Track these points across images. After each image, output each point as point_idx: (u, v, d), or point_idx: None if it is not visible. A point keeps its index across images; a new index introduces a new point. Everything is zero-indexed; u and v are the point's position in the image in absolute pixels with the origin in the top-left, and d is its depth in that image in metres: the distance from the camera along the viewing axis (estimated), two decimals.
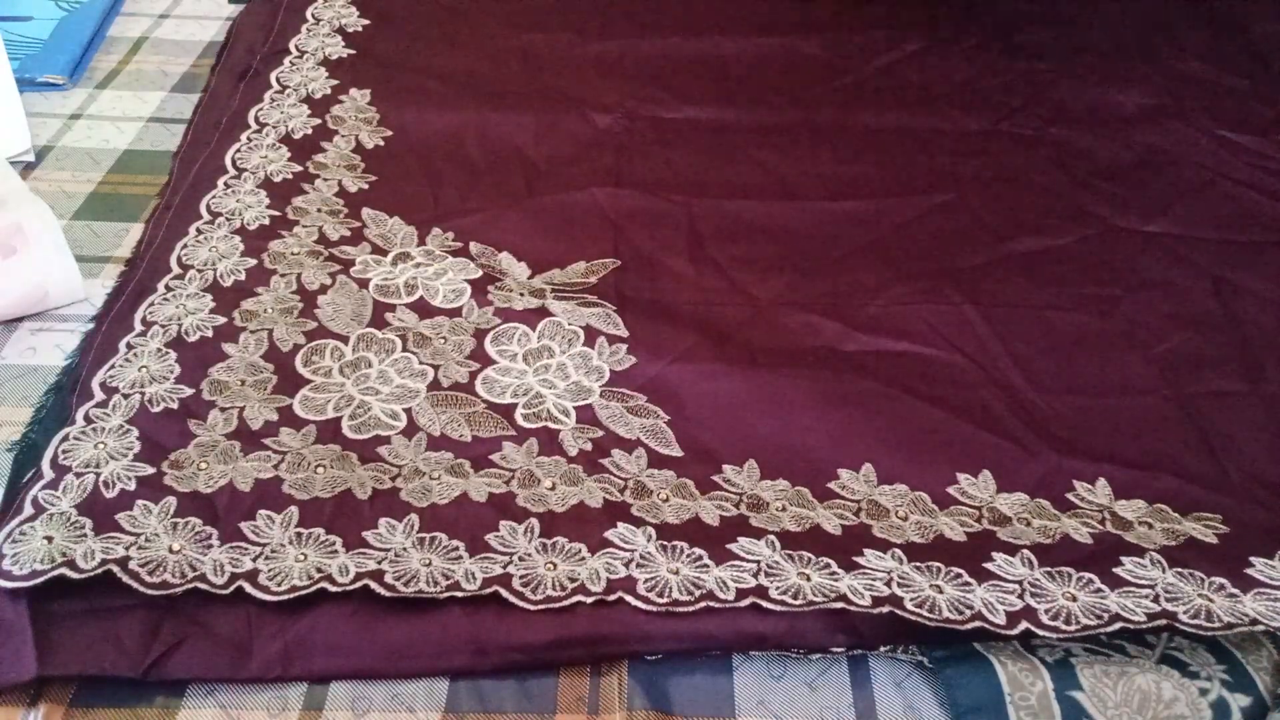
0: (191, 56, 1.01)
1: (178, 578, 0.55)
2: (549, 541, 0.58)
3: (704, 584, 0.56)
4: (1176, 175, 0.90)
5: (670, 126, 0.93)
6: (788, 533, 0.60)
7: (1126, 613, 0.55)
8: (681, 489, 0.63)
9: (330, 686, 0.54)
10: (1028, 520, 0.62)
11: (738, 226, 0.83)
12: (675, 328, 0.74)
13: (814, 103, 0.97)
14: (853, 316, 0.75)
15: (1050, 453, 0.66)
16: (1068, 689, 0.53)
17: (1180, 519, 0.62)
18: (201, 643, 0.54)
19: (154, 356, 0.67)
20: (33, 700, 0.53)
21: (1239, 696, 0.53)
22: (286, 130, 0.89)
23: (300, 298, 0.73)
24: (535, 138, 0.91)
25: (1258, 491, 0.64)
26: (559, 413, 0.67)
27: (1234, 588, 0.57)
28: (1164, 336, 0.75)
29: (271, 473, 0.61)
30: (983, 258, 0.81)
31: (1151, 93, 0.99)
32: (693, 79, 0.99)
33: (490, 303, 0.74)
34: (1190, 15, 1.10)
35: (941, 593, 0.56)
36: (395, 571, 0.56)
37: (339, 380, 0.68)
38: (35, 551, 0.54)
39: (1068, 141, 0.93)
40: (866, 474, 0.64)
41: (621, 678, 0.55)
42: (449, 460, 0.63)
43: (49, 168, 0.87)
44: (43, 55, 0.97)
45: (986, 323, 0.75)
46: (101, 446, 0.61)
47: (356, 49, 1.00)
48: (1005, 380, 0.71)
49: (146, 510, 0.58)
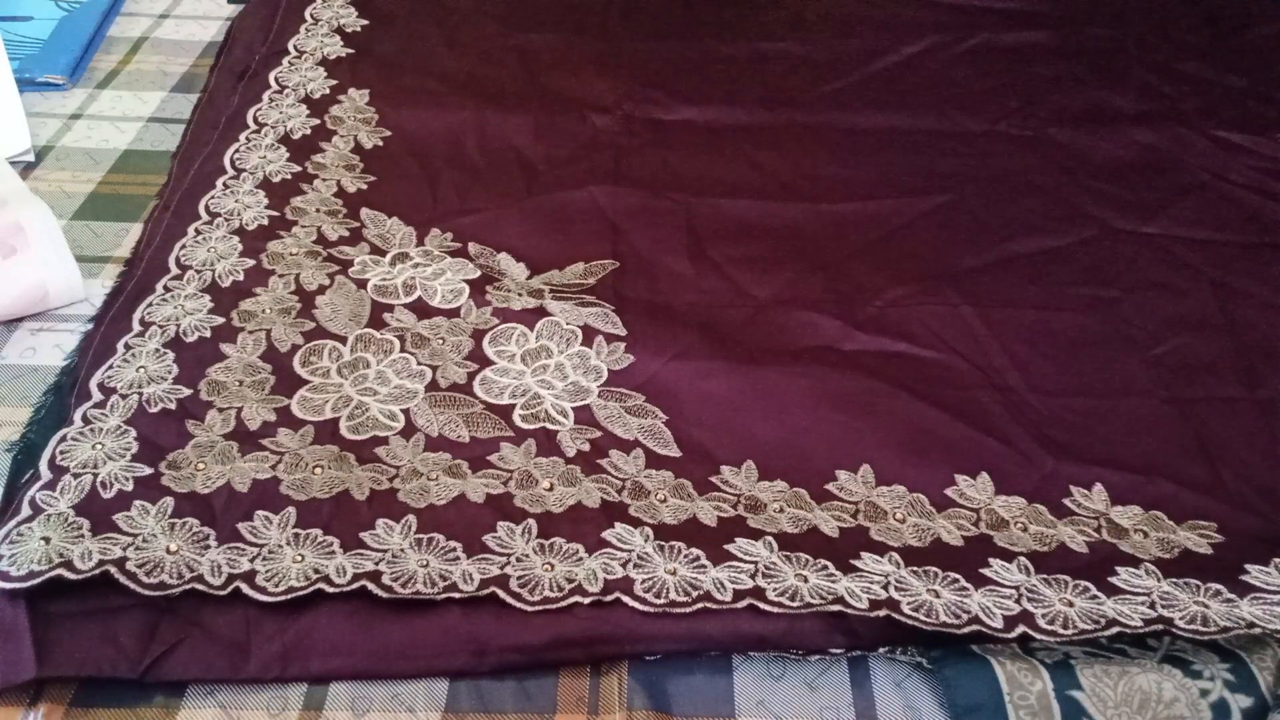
0: (191, 56, 1.01)
1: (175, 578, 0.55)
2: (547, 542, 0.58)
3: (701, 585, 0.56)
4: (1175, 176, 0.90)
5: (669, 127, 0.93)
6: (785, 534, 0.60)
7: (1123, 618, 0.55)
8: (679, 489, 0.63)
9: (330, 686, 0.55)
10: (1025, 525, 0.62)
11: (737, 226, 0.83)
12: (673, 327, 0.74)
13: (813, 104, 0.97)
14: (851, 316, 0.75)
15: (1047, 456, 0.66)
16: (1067, 688, 0.53)
17: (1175, 528, 0.62)
18: (200, 643, 0.54)
19: (152, 357, 0.67)
20: (33, 700, 0.53)
21: (1240, 697, 0.53)
22: (285, 130, 0.89)
23: (298, 298, 0.73)
24: (534, 138, 0.91)
25: (1252, 498, 0.64)
26: (557, 413, 0.67)
27: (1230, 593, 0.57)
28: (1161, 339, 0.75)
29: (269, 473, 0.61)
30: (981, 259, 0.81)
31: (1151, 94, 0.99)
32: (692, 80, 0.99)
33: (489, 303, 0.74)
34: (1190, 15, 1.10)
35: (939, 597, 0.56)
36: (393, 572, 0.56)
37: (337, 381, 0.68)
38: (33, 552, 0.55)
39: (1067, 142, 0.93)
40: (864, 475, 0.65)
41: (621, 678, 0.55)
42: (447, 461, 0.63)
43: (49, 168, 0.87)
44: (43, 55, 0.97)
45: (984, 324, 0.75)
46: (99, 447, 0.61)
47: (355, 49, 1.00)
48: (1003, 382, 0.71)
49: (144, 511, 0.58)
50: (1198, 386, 0.71)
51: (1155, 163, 0.91)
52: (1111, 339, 0.75)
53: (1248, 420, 0.69)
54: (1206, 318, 0.77)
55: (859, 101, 0.97)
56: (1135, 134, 0.94)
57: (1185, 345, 0.74)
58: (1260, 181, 0.89)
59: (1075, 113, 0.97)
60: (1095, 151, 0.92)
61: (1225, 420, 0.69)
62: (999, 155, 0.92)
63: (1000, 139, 0.93)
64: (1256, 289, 0.79)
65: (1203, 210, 0.86)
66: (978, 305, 0.77)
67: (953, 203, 0.86)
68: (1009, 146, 0.93)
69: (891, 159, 0.91)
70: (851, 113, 0.96)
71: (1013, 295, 0.78)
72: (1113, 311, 0.77)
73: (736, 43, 1.04)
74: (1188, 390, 0.71)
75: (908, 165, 0.90)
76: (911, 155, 0.91)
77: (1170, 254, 0.82)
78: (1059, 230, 0.84)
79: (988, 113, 0.96)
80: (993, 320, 0.75)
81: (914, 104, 0.97)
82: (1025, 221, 0.85)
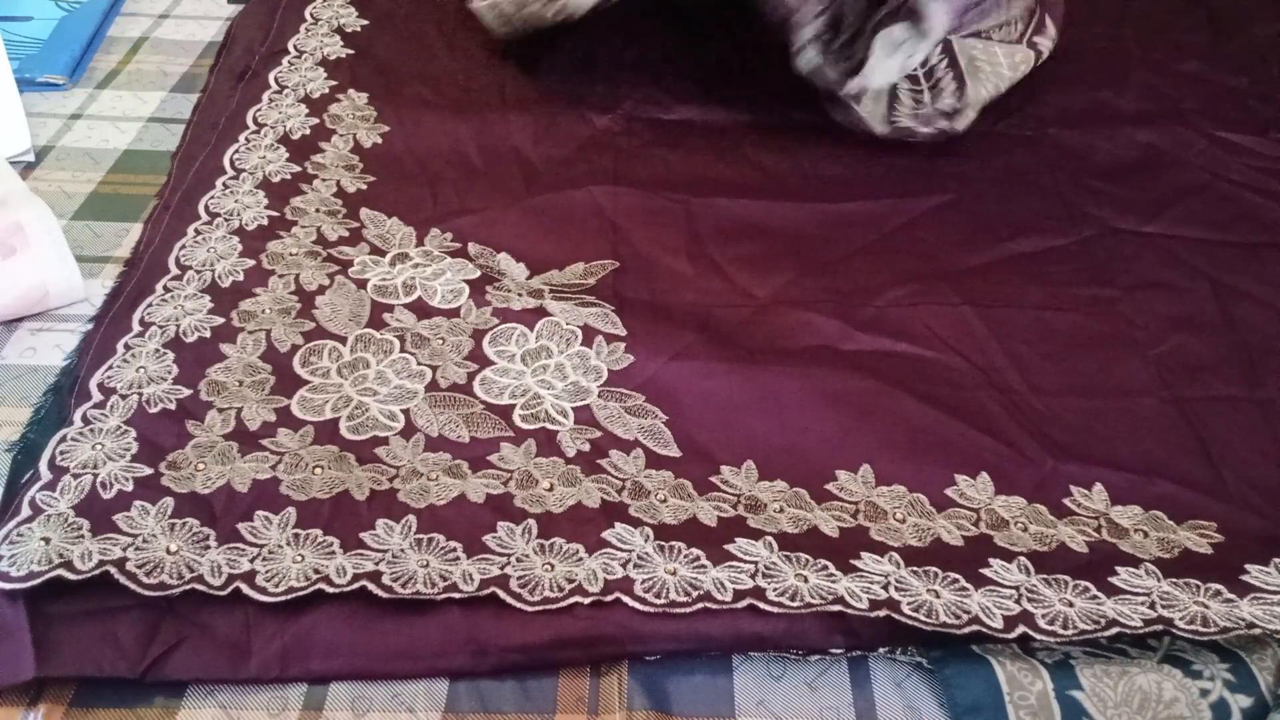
0: (191, 56, 1.01)
1: (175, 579, 0.55)
2: (547, 542, 0.58)
3: (701, 585, 0.56)
4: (1175, 176, 0.90)
5: (669, 127, 0.93)
6: (785, 534, 0.60)
7: (1123, 618, 0.55)
8: (679, 490, 0.63)
9: (330, 686, 0.54)
10: (1025, 525, 0.62)
11: (737, 226, 0.83)
12: (673, 327, 0.74)
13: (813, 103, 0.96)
14: (852, 316, 0.75)
15: (1047, 456, 0.66)
16: (1067, 688, 0.53)
17: (1175, 528, 0.62)
18: (200, 643, 0.54)
19: (152, 357, 0.67)
20: (33, 700, 0.53)
21: (1240, 697, 0.53)
22: (285, 130, 0.89)
23: (298, 298, 0.73)
24: (534, 138, 0.91)
25: (1253, 498, 0.64)
26: (557, 413, 0.67)
27: (1230, 593, 0.57)
28: (1162, 338, 0.75)
29: (269, 473, 0.61)
30: (981, 258, 0.81)
31: (1150, 93, 0.99)
32: (691, 80, 0.99)
33: (488, 303, 0.74)
34: (1190, 15, 1.10)
35: (939, 597, 0.56)
36: (393, 573, 0.56)
37: (337, 381, 0.68)
38: (33, 553, 0.55)
39: (1067, 142, 0.93)
40: (864, 475, 0.65)
41: (621, 678, 0.55)
42: (447, 461, 0.63)
43: (49, 168, 0.87)
44: (43, 55, 0.97)
45: (984, 323, 0.75)
46: (99, 447, 0.61)
47: (355, 49, 1.00)
48: (1003, 381, 0.71)
49: (144, 511, 0.58)
50: (1198, 386, 0.71)
51: (1155, 163, 0.91)
52: (1111, 339, 0.75)
53: (1248, 420, 0.69)
54: (1206, 318, 0.77)
55: None
56: (1135, 134, 0.94)
57: (1185, 345, 0.74)
58: (1260, 181, 0.89)
59: (1075, 112, 0.96)
60: (1095, 151, 0.92)
61: (1225, 420, 0.69)
62: (999, 155, 0.91)
63: (1001, 138, 0.93)
64: (1256, 289, 0.79)
65: (1203, 210, 0.86)
66: (978, 305, 0.77)
67: (953, 203, 0.86)
68: (1009, 146, 0.93)
69: (891, 159, 0.91)
70: None
71: (1013, 295, 0.78)
72: (1113, 311, 0.77)
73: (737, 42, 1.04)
74: (1188, 390, 0.71)
75: (908, 165, 0.90)
76: (912, 155, 0.91)
77: (1170, 254, 0.82)
78: (1059, 230, 0.84)
79: (988, 112, 0.96)
80: (993, 320, 0.75)
81: None
82: (1025, 221, 0.85)
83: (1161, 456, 0.67)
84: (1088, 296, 0.78)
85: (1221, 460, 0.66)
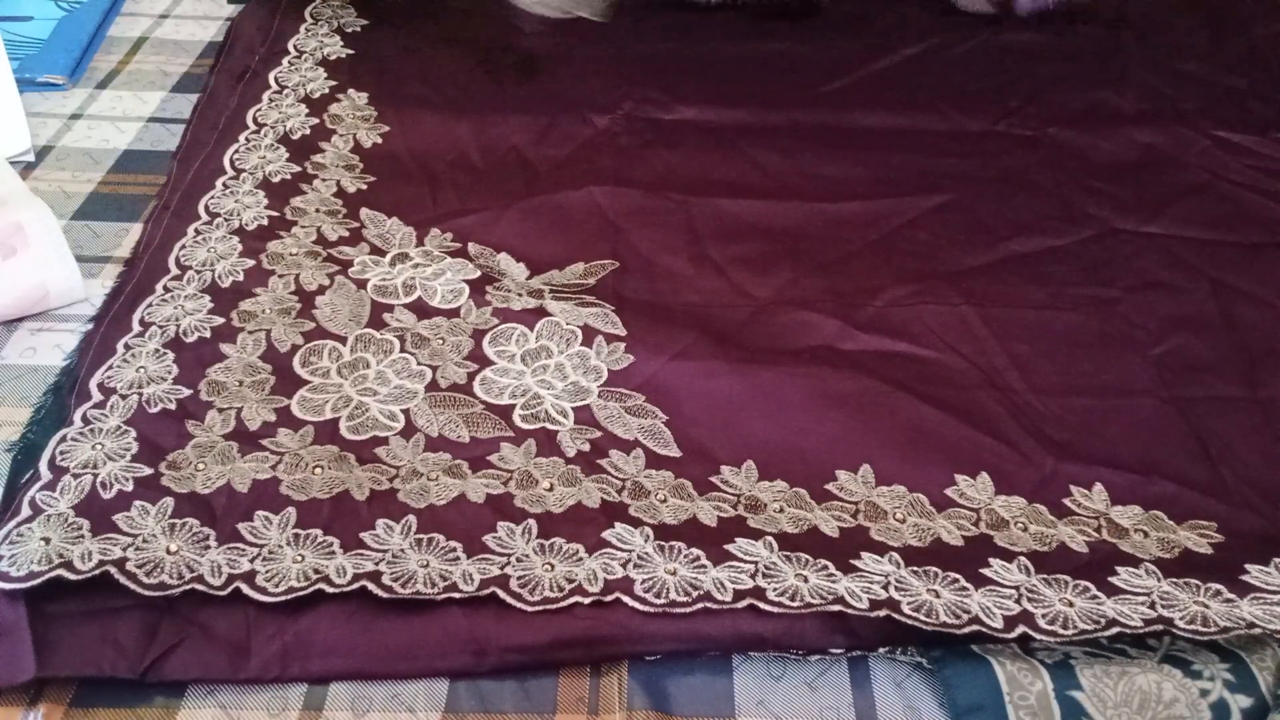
0: (191, 56, 1.01)
1: (175, 579, 0.55)
2: (547, 542, 0.58)
3: (701, 585, 0.56)
4: (1175, 176, 0.90)
5: (669, 127, 0.93)
6: (785, 534, 0.60)
7: (1123, 618, 0.55)
8: (679, 489, 0.63)
9: (330, 686, 0.54)
10: (1025, 525, 0.62)
11: (737, 226, 0.83)
12: (673, 327, 0.74)
13: (812, 103, 0.97)
14: (851, 316, 0.75)
15: (1047, 456, 0.66)
16: (1067, 688, 0.53)
17: (1175, 528, 0.62)
18: (200, 643, 0.54)
19: (152, 357, 0.67)
20: (33, 700, 0.53)
21: (1240, 697, 0.53)
22: (285, 130, 0.89)
23: (298, 298, 0.73)
24: (534, 138, 0.91)
25: (1253, 498, 0.64)
26: (557, 413, 0.67)
27: (1230, 593, 0.57)
28: (1162, 338, 0.75)
29: (269, 473, 0.61)
30: (981, 258, 0.81)
31: (1150, 93, 0.99)
32: (691, 80, 0.99)
33: (488, 303, 0.74)
34: (1190, 15, 1.10)
35: (939, 597, 0.56)
36: (393, 573, 0.56)
37: (337, 381, 0.68)
38: (33, 553, 0.55)
39: (1066, 142, 0.93)
40: (864, 475, 0.65)
41: (621, 678, 0.55)
42: (447, 461, 0.63)
43: (49, 168, 0.87)
44: (43, 55, 0.97)
45: (984, 323, 0.75)
46: (99, 447, 0.61)
47: (355, 49, 1.00)
48: (1003, 381, 0.71)
49: (144, 511, 0.58)
50: (1198, 386, 0.71)
51: (1155, 163, 0.91)
52: (1112, 339, 0.75)
53: (1248, 420, 0.69)
54: (1206, 318, 0.77)
55: (859, 101, 0.97)
56: (1135, 134, 0.94)
57: (1185, 345, 0.74)
58: (1260, 181, 0.89)
59: (1075, 113, 0.97)
60: (1095, 151, 0.92)
61: (1225, 420, 0.69)
62: (999, 155, 0.92)
63: (1000, 139, 0.93)
64: (1256, 289, 0.79)
65: (1203, 210, 0.86)
66: (978, 305, 0.77)
67: (953, 203, 0.86)
68: (1009, 146, 0.93)
69: (891, 159, 0.91)
70: (851, 113, 0.96)
71: (1013, 295, 0.78)
72: (1113, 311, 0.77)
73: (736, 43, 1.04)
74: (1188, 390, 0.71)
75: (908, 165, 0.90)
76: (911, 155, 0.91)
77: (1170, 254, 0.82)
78: (1059, 230, 0.84)
79: (988, 113, 0.96)
80: (993, 320, 0.75)
81: (914, 104, 0.97)
82: (1025, 221, 0.85)
83: (1161, 456, 0.67)
84: (1088, 296, 0.78)
85: (1221, 460, 0.66)
